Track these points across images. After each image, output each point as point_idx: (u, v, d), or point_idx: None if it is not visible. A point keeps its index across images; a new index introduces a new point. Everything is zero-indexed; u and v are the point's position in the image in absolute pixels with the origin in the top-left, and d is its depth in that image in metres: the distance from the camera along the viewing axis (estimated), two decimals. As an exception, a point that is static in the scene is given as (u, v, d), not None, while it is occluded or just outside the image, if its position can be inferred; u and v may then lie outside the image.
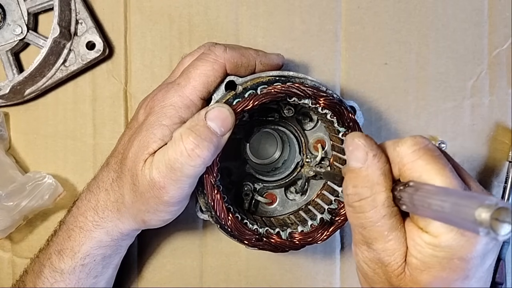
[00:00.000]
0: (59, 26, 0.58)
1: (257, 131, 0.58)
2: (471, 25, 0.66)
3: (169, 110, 0.49)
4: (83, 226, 0.53)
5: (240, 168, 0.59)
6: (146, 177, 0.47)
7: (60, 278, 0.53)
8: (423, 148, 0.38)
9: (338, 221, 0.53)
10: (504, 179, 0.66)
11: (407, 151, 0.38)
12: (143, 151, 0.48)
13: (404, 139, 0.39)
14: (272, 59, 0.55)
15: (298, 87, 0.49)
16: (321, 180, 0.58)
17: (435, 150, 0.39)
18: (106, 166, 0.55)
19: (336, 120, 0.51)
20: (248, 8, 0.64)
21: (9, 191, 0.60)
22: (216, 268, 0.66)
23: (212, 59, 0.51)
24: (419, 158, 0.38)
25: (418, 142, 0.39)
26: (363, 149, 0.40)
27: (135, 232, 0.56)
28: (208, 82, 0.50)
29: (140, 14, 0.64)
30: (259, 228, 0.53)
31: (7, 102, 0.63)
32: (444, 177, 0.37)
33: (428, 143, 0.39)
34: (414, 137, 0.39)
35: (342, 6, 0.65)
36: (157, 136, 0.48)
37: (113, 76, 0.65)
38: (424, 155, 0.38)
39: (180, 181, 0.46)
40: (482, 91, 0.67)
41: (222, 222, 0.51)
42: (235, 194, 0.59)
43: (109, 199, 0.53)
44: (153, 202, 0.48)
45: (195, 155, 0.45)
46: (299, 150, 0.58)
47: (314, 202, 0.58)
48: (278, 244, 0.53)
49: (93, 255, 0.53)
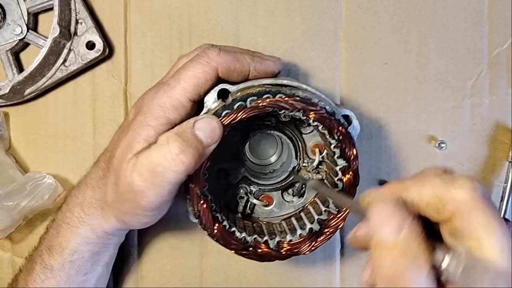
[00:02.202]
0: (59, 26, 0.58)
1: (253, 136, 0.57)
2: (471, 25, 0.66)
3: (157, 111, 0.49)
4: (70, 222, 0.53)
5: (237, 170, 0.59)
6: (126, 179, 0.47)
7: (51, 275, 0.53)
8: (482, 195, 0.34)
9: (327, 233, 0.52)
10: (504, 179, 0.66)
11: (465, 196, 0.34)
12: (128, 151, 0.48)
13: (461, 180, 0.34)
14: (268, 66, 0.53)
15: (286, 101, 0.48)
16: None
17: (489, 199, 0.35)
18: (95, 164, 0.55)
19: (327, 132, 0.50)
20: (248, 8, 0.64)
21: (9, 191, 0.60)
22: (216, 268, 0.66)
23: (204, 61, 0.50)
24: (476, 207, 0.34)
25: (476, 187, 0.34)
26: (399, 217, 0.33)
27: (121, 232, 0.56)
28: (198, 84, 0.50)
29: (140, 14, 0.64)
30: (247, 236, 0.53)
31: (7, 102, 0.63)
32: (500, 235, 0.33)
33: (482, 189, 0.34)
34: (471, 180, 0.34)
35: (342, 6, 0.65)
36: (142, 136, 0.48)
37: (113, 76, 0.65)
38: (482, 204, 0.34)
39: (159, 187, 0.46)
40: (482, 91, 0.67)
41: (208, 231, 0.51)
42: (232, 196, 0.59)
43: (94, 196, 0.53)
44: (130, 205, 0.48)
45: (179, 161, 0.44)
46: (296, 154, 0.58)
47: (307, 209, 0.58)
48: (264, 254, 0.53)
49: (80, 252, 0.53)
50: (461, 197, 0.34)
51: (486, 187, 0.37)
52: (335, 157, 0.51)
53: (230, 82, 0.53)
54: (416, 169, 0.67)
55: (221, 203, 0.57)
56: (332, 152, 0.52)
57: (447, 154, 0.67)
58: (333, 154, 0.52)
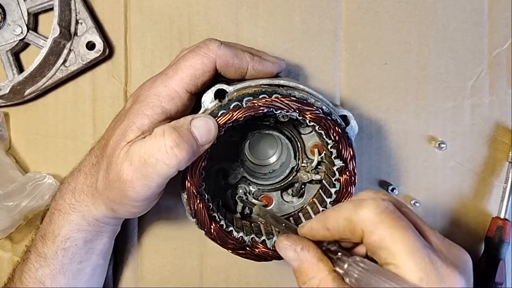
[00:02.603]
0: (59, 26, 0.58)
1: (252, 136, 0.58)
2: (471, 25, 0.66)
3: (153, 100, 0.49)
4: (61, 209, 0.53)
5: (236, 170, 0.59)
6: (117, 167, 0.47)
7: (45, 263, 0.53)
8: (385, 211, 0.39)
9: None
10: (504, 179, 0.66)
11: (369, 214, 0.39)
12: (121, 139, 0.48)
13: (366, 202, 0.39)
14: (267, 67, 0.53)
15: (282, 102, 0.48)
16: (317, 184, 0.58)
17: (395, 212, 0.39)
18: (90, 151, 0.55)
19: (324, 133, 0.50)
20: (248, 8, 0.64)
21: (9, 191, 0.61)
22: (216, 268, 0.66)
23: (203, 52, 0.50)
24: (381, 222, 0.38)
25: (379, 205, 0.39)
26: (289, 249, 0.43)
27: (113, 220, 0.55)
28: (195, 75, 0.50)
29: (140, 14, 0.64)
30: (245, 236, 0.53)
31: (7, 102, 0.63)
32: (406, 239, 0.37)
33: (388, 205, 0.39)
34: (375, 200, 0.39)
35: (342, 6, 0.65)
36: (136, 124, 0.48)
37: (113, 76, 0.65)
38: (386, 218, 0.38)
39: (149, 178, 0.45)
40: (482, 91, 0.67)
41: (205, 230, 0.51)
42: (231, 196, 0.59)
43: (85, 182, 0.53)
44: (118, 194, 0.48)
45: (173, 154, 0.44)
46: (295, 155, 0.58)
47: (306, 209, 0.58)
48: (261, 254, 0.53)
49: (73, 239, 0.53)
50: (367, 215, 0.39)
51: (398, 202, 0.41)
52: (332, 157, 0.51)
53: (227, 79, 0.53)
54: (416, 169, 0.67)
55: (219, 203, 0.57)
56: (330, 152, 0.52)
57: (447, 154, 0.67)
58: (330, 154, 0.52)
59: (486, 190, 0.68)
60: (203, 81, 0.51)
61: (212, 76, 0.51)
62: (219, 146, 0.49)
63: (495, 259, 0.64)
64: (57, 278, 0.53)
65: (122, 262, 0.66)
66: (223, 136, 0.49)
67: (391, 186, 0.65)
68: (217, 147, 0.49)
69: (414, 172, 0.67)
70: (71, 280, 0.54)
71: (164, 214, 0.65)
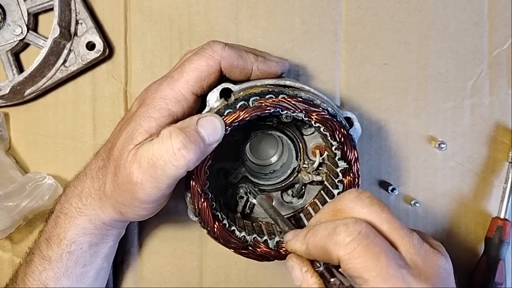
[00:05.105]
0: (59, 26, 0.58)
1: (254, 136, 0.58)
2: (471, 25, 0.66)
3: (159, 103, 0.49)
4: (67, 213, 0.53)
5: (237, 169, 0.59)
6: (126, 170, 0.47)
7: (49, 266, 0.53)
8: (357, 238, 0.39)
9: None
10: (504, 179, 0.66)
11: (342, 244, 0.39)
12: (129, 142, 0.48)
13: (339, 229, 0.40)
14: (271, 67, 0.53)
15: (289, 102, 0.48)
16: (318, 186, 0.58)
17: (368, 237, 0.39)
18: (96, 155, 0.55)
19: (329, 134, 0.50)
20: (248, 8, 0.64)
21: (9, 191, 0.60)
22: (216, 268, 0.66)
23: (208, 54, 0.50)
24: (354, 251, 0.39)
25: (352, 232, 0.39)
26: (297, 268, 0.43)
27: (120, 224, 0.55)
28: (201, 77, 0.50)
29: (140, 14, 0.64)
30: (247, 236, 0.53)
31: (7, 102, 0.63)
32: (378, 266, 0.38)
33: (361, 229, 0.39)
34: (347, 227, 0.40)
35: (342, 6, 0.65)
36: (143, 127, 0.48)
37: (113, 76, 0.65)
38: (359, 246, 0.39)
39: (158, 180, 0.46)
40: (482, 91, 0.67)
41: (208, 229, 0.51)
42: (232, 195, 0.59)
43: (93, 186, 0.52)
44: (128, 196, 0.48)
45: (181, 155, 0.44)
46: (296, 156, 0.58)
47: (306, 210, 0.58)
48: (263, 254, 0.53)
49: (79, 243, 0.53)
50: (340, 244, 0.39)
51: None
52: (336, 159, 0.51)
53: (232, 80, 0.53)
54: (416, 169, 0.67)
55: (221, 202, 0.57)
56: (333, 153, 0.52)
57: (447, 155, 0.67)
58: (334, 156, 0.52)
59: (486, 190, 0.68)
60: (209, 83, 0.51)
61: (217, 78, 0.51)
62: (221, 145, 0.49)
63: (495, 259, 0.64)
64: (60, 281, 0.53)
65: (122, 263, 0.66)
66: (226, 135, 0.49)
67: (391, 186, 0.65)
68: (219, 146, 0.49)
69: (414, 172, 0.67)
70: (74, 283, 0.54)
71: (164, 214, 0.65)
